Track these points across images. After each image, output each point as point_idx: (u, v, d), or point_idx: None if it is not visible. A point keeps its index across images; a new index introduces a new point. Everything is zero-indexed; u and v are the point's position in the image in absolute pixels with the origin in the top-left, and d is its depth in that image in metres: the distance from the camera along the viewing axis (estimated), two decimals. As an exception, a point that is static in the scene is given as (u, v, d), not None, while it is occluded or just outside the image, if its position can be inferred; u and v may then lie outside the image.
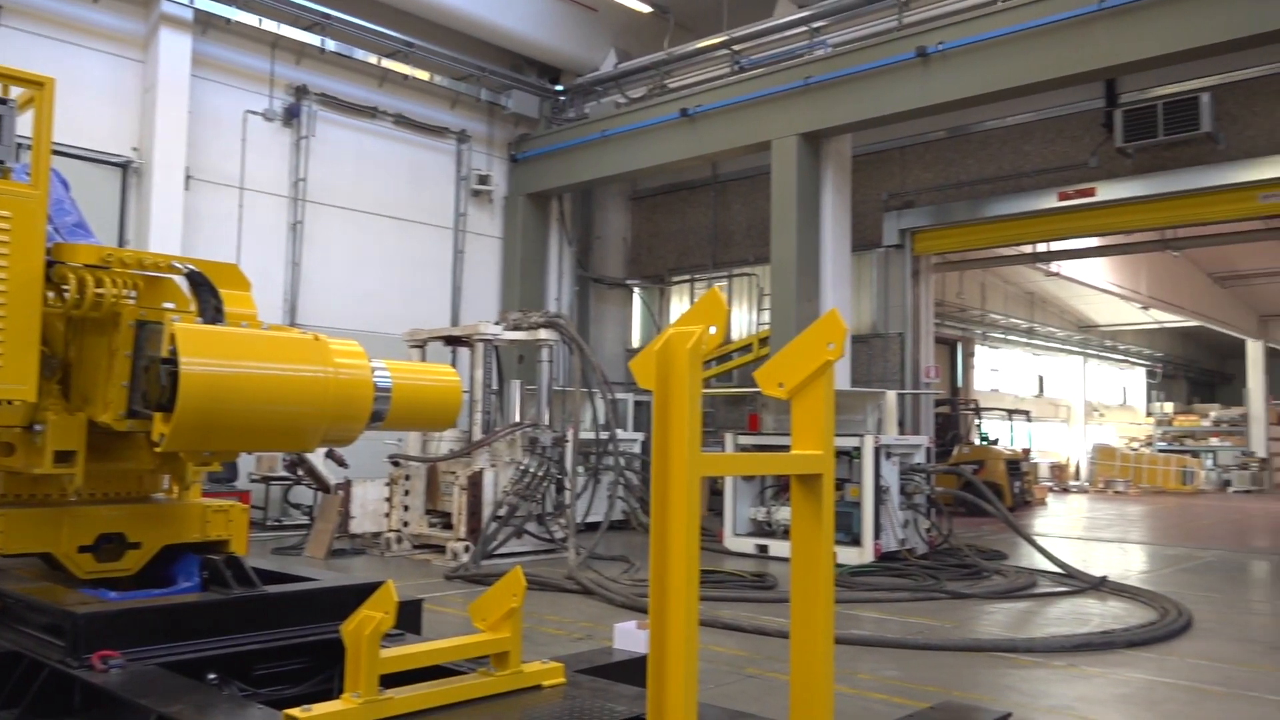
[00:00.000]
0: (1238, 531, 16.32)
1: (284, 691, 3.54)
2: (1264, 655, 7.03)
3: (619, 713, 2.86)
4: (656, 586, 2.18)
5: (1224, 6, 10.58)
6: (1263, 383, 31.50)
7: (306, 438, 3.58)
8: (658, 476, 2.17)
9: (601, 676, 3.43)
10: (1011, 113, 15.89)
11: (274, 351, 3.38)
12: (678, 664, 2.13)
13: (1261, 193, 13.74)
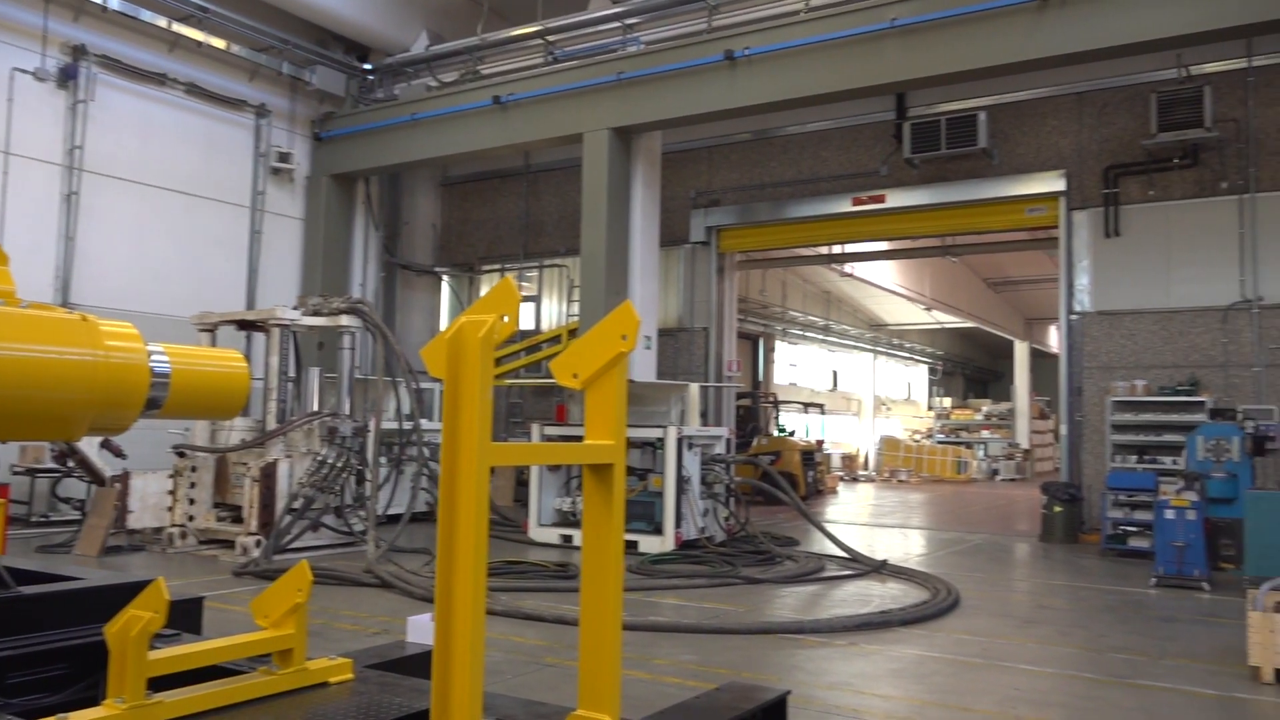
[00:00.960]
0: (1002, 516, 17.76)
1: (41, 700, 3.28)
2: (1018, 629, 7.70)
3: (405, 707, 2.81)
4: (443, 577, 2.16)
5: (999, 33, 11.46)
6: (1027, 380, 34.39)
7: (71, 426, 3.32)
8: (446, 466, 2.15)
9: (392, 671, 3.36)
10: (812, 120, 16.63)
11: (32, 332, 3.11)
12: (463, 655, 2.12)
13: (1028, 206, 14.99)
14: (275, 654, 3.00)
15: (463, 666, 2.11)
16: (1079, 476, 14.16)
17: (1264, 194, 13.16)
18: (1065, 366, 14.47)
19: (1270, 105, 13.28)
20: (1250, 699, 5.81)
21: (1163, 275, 13.78)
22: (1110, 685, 6.06)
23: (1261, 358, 13.05)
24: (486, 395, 2.17)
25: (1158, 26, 10.64)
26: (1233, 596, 9.05)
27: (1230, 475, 10.78)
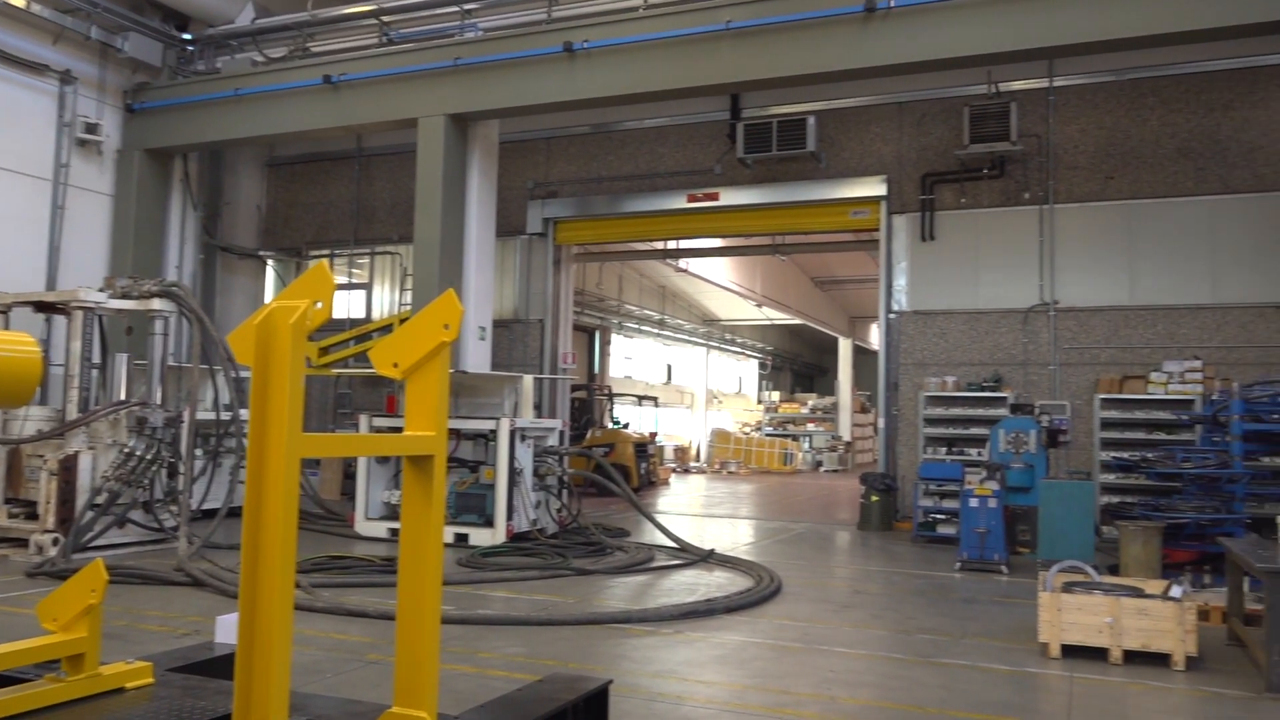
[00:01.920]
0: (824, 506, 18.52)
1: None
2: (835, 613, 8.04)
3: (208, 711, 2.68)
4: (248, 573, 2.07)
5: (827, 41, 11.90)
6: (850, 376, 35.96)
7: None
8: (253, 457, 2.06)
9: (198, 673, 3.20)
10: (649, 116, 16.83)
11: None
12: (268, 655, 2.04)
13: (852, 209, 15.66)
14: (65, 660, 2.80)
15: (267, 666, 2.03)
16: (894, 467, 14.92)
17: (1061, 205, 14.21)
18: (884, 363, 15.20)
19: (1068, 123, 14.34)
20: (1039, 673, 6.27)
21: (972, 278, 14.67)
22: (917, 664, 6.41)
23: (1057, 357, 14.09)
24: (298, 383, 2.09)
25: (970, 44, 11.28)
26: (1028, 578, 9.75)
27: (1028, 466, 11.59)
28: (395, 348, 2.54)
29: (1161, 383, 13.08)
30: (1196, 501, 10.26)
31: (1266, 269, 13.20)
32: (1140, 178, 13.93)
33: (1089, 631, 6.58)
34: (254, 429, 2.06)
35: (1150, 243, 13.79)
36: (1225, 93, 13.64)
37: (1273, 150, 13.34)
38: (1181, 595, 6.66)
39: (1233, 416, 9.94)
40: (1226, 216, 13.45)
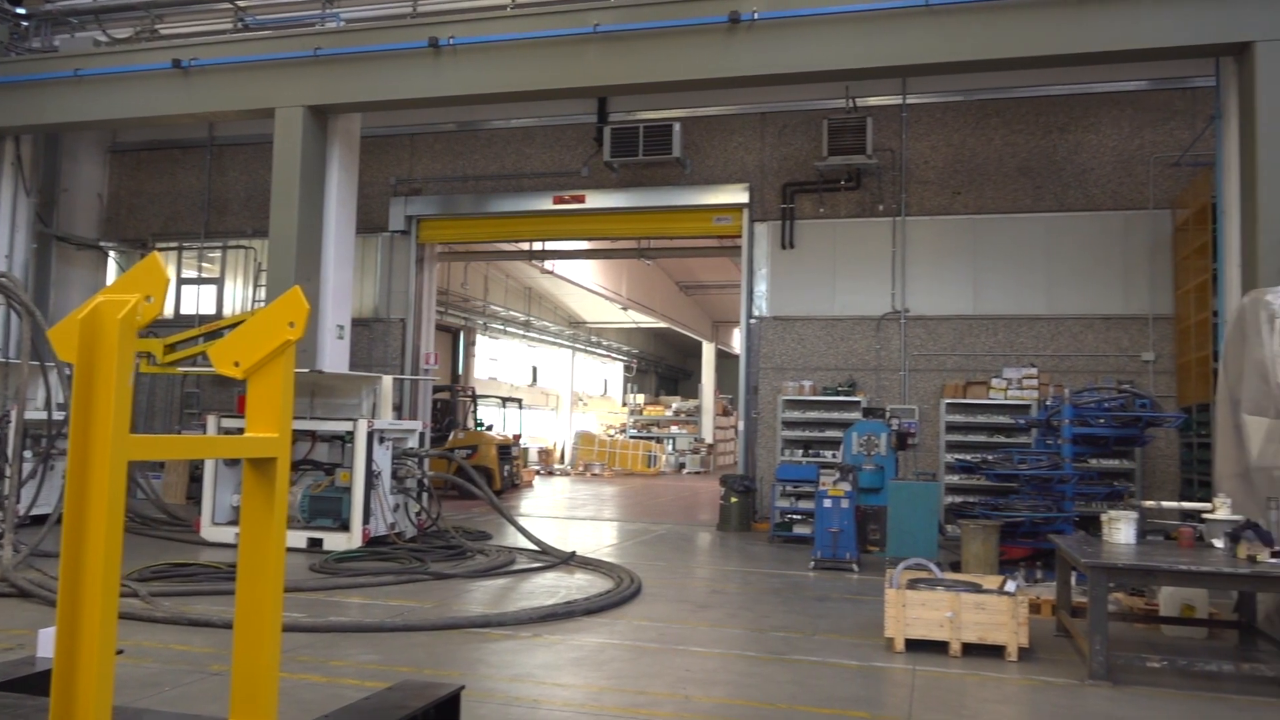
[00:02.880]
0: (686, 507, 18.77)
1: None
2: (693, 613, 8.16)
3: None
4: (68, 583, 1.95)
5: (693, 50, 12.07)
6: (713, 379, 36.59)
7: None
8: (76, 459, 1.94)
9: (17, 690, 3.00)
10: (516, 116, 16.74)
11: None
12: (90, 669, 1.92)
13: (716, 215, 15.95)
14: None
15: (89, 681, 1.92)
16: (754, 469, 15.26)
17: (912, 218, 14.83)
18: (744, 367, 15.54)
19: (919, 139, 14.98)
20: (884, 667, 6.51)
21: (829, 286, 15.15)
22: (770, 662, 6.57)
23: (907, 363, 14.69)
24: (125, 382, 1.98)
25: (829, 59, 11.66)
26: (877, 576, 10.12)
27: (878, 467, 12.04)
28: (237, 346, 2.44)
29: (1001, 388, 13.80)
30: (1031, 501, 10.86)
31: (1096, 283, 14.10)
32: (985, 194, 14.68)
33: (931, 626, 6.88)
34: (76, 430, 1.95)
35: (993, 256, 14.55)
36: (1062, 116, 14.52)
37: (1102, 172, 14.27)
38: (1015, 590, 7.04)
39: (1063, 421, 10.56)
40: (1061, 233, 14.31)
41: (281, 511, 2.42)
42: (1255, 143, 10.17)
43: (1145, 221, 14.00)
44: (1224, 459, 8.65)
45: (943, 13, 11.19)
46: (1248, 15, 10.30)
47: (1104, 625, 6.23)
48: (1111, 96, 14.33)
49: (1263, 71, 10.20)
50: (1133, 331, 13.98)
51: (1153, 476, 13.55)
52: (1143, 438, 11.01)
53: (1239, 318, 8.31)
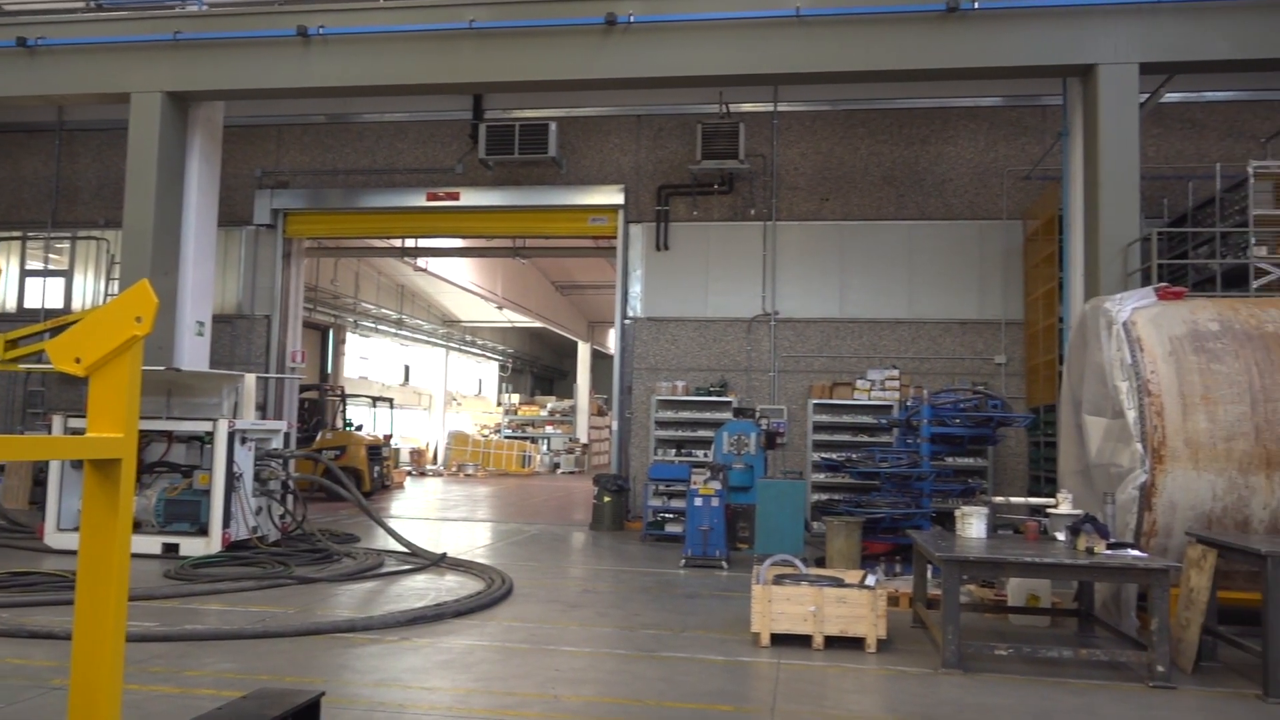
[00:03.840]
0: (560, 507, 18.75)
1: None
2: (564, 613, 8.17)
3: None
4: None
5: (569, 50, 12.07)
6: (588, 379, 36.65)
7: None
8: (-108, 464, 1.82)
9: None
10: (389, 110, 16.41)
11: None
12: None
13: (591, 215, 16.00)
14: None
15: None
16: (627, 468, 15.37)
17: (783, 222, 15.20)
18: (619, 367, 15.63)
19: (790, 146, 15.36)
20: (750, 661, 6.66)
21: (702, 288, 15.38)
22: (639, 659, 6.63)
23: (776, 364, 15.05)
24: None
25: (703, 65, 11.82)
26: (745, 573, 10.33)
27: (748, 466, 12.29)
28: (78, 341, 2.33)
29: (866, 389, 14.28)
30: (892, 498, 11.27)
31: (953, 289, 14.74)
32: (851, 201, 15.17)
33: (796, 620, 7.07)
34: (-106, 431, 1.83)
35: (858, 261, 15.04)
36: (923, 129, 15.12)
37: (959, 183, 14.93)
38: (875, 584, 7.30)
39: (922, 421, 11.01)
40: (922, 240, 14.91)
41: (126, 516, 2.32)
42: (1098, 159, 10.82)
43: (999, 231, 14.72)
44: (1066, 457, 9.18)
45: (813, 24, 11.51)
46: (1093, 40, 10.95)
47: (956, 616, 6.53)
48: (970, 111, 15.02)
49: (1105, 92, 10.86)
50: (987, 335, 14.68)
51: (1004, 474, 14.26)
52: (994, 437, 11.56)
53: (1081, 324, 8.83)
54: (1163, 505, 7.44)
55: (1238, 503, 7.38)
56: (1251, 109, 14.36)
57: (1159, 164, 14.18)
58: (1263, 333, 7.78)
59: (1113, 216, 10.69)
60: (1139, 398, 7.58)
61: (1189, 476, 7.41)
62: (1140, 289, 8.52)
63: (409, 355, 34.78)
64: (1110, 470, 7.89)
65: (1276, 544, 6.39)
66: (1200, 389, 7.55)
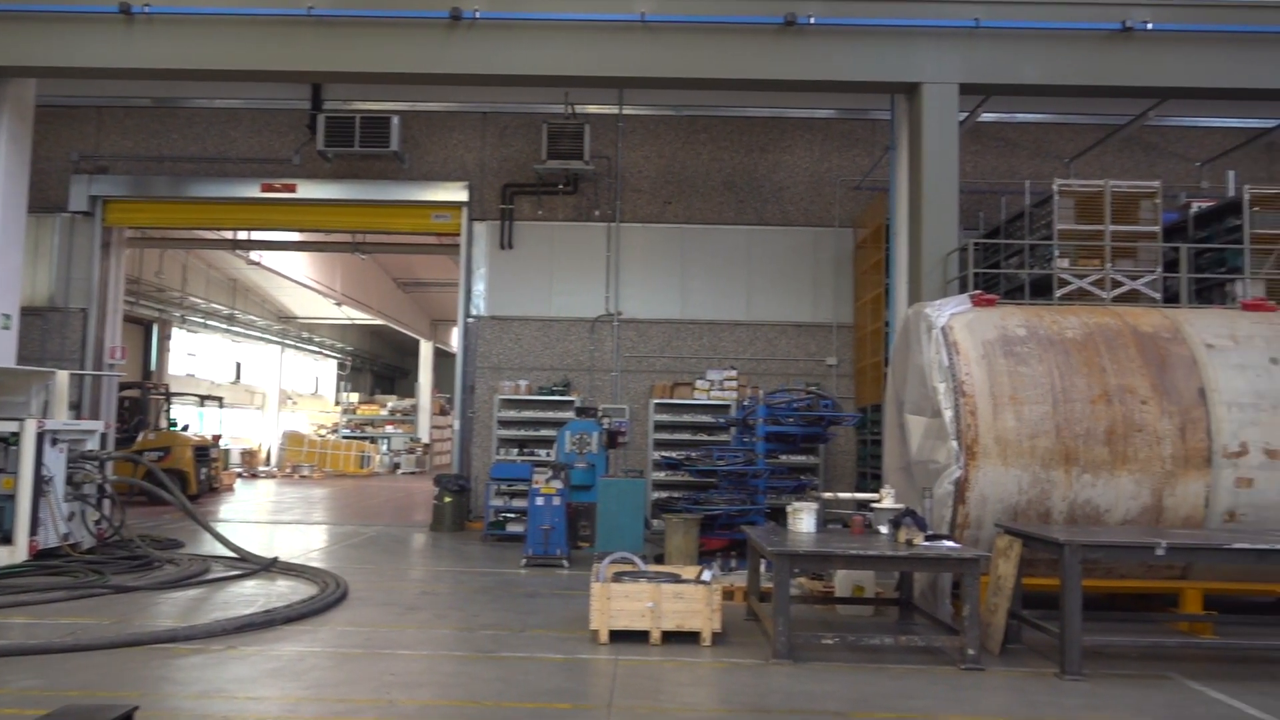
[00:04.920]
0: (400, 508, 18.38)
1: None
2: (401, 616, 8.04)
3: None
4: None
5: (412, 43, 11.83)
6: (430, 378, 36.03)
7: None
8: None
9: None
10: (221, 95, 15.70)
11: None
12: None
13: (434, 212, 15.77)
14: None
15: None
16: (469, 468, 15.22)
17: (626, 224, 15.40)
18: (461, 365, 15.47)
19: (634, 149, 15.57)
20: (589, 658, 6.73)
21: (546, 287, 15.40)
22: (477, 660, 6.60)
23: (619, 364, 15.23)
24: None
25: (548, 65, 11.81)
26: (586, 571, 10.41)
27: (590, 465, 12.39)
28: None
29: (705, 389, 14.63)
30: (729, 495, 11.60)
31: (789, 293, 15.29)
32: (693, 205, 15.51)
33: (634, 617, 7.20)
34: None
35: (700, 264, 15.40)
36: (762, 137, 15.61)
37: (795, 190, 15.49)
38: (711, 579, 7.50)
39: (758, 420, 11.37)
40: (760, 245, 15.39)
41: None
42: (921, 172, 11.44)
43: (831, 238, 15.36)
44: (890, 454, 9.68)
45: (658, 30, 11.69)
46: (918, 60, 11.57)
47: (786, 608, 6.79)
48: (805, 122, 15.60)
49: (929, 110, 11.49)
50: (819, 338, 15.28)
51: (834, 470, 14.89)
52: (826, 435, 12.07)
53: (904, 327, 9.33)
54: (975, 499, 7.95)
55: (1040, 496, 7.96)
56: (1058, 131, 15.49)
57: (976, 179, 15.11)
58: (1063, 338, 8.43)
59: (934, 227, 11.33)
60: (955, 398, 8.07)
61: (998, 472, 7.95)
62: (957, 296, 9.07)
63: (241, 352, 33.32)
64: (929, 466, 8.37)
65: (1073, 534, 6.95)
66: (1009, 390, 8.11)
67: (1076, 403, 8.05)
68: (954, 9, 11.52)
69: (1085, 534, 7.01)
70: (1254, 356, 8.28)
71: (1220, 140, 15.33)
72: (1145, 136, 15.33)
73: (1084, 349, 8.33)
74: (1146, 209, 11.40)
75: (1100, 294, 11.02)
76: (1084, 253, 11.43)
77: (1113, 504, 7.96)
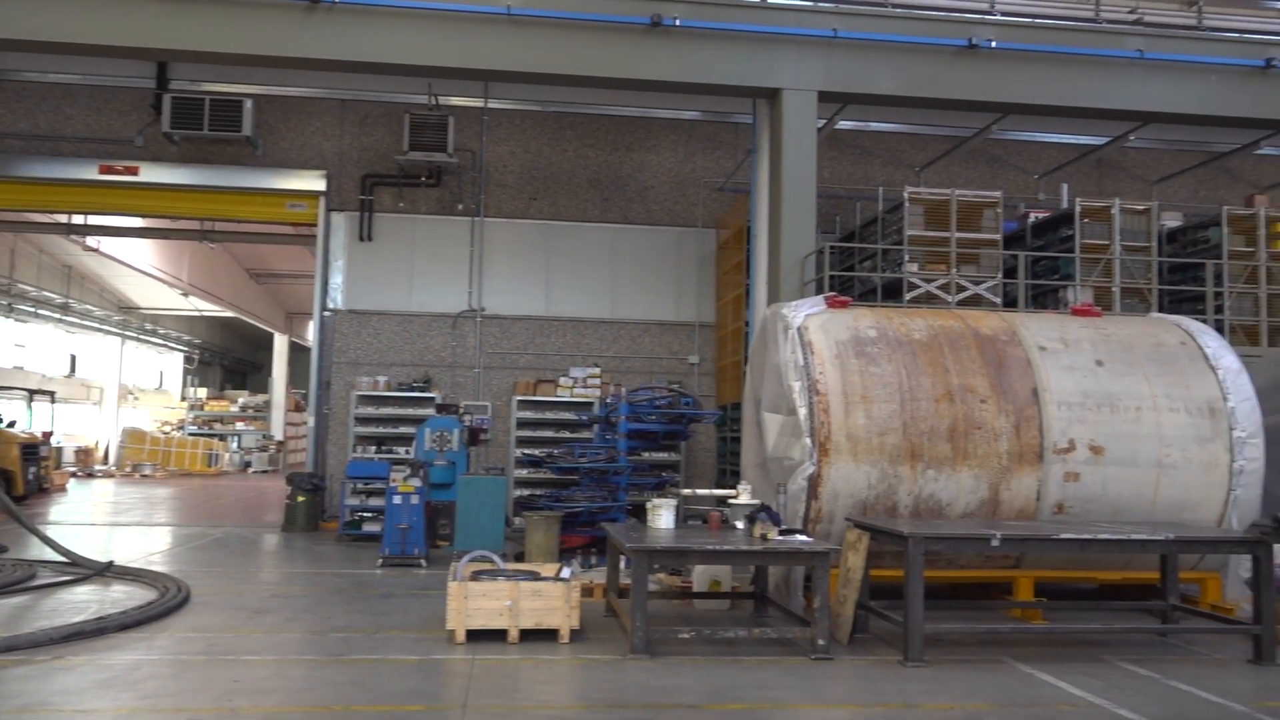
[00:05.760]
0: (251, 509, 17.67)
1: None
2: (247, 621, 7.72)
3: None
4: None
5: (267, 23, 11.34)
6: (285, 373, 34.78)
7: None
8: None
9: None
10: (55, 70, 14.73)
11: None
12: None
13: (289, 201, 15.21)
14: None
15: None
16: (324, 467, 14.77)
17: (490, 219, 15.23)
18: (316, 361, 14.99)
19: (499, 143, 15.41)
20: (445, 659, 6.62)
21: (407, 281, 15.08)
22: (328, 664, 6.40)
23: (481, 360, 15.05)
24: None
25: (410, 53, 11.50)
26: (444, 571, 10.23)
27: (450, 463, 12.20)
28: None
29: (569, 386, 14.62)
30: (590, 492, 11.62)
31: (653, 291, 15.44)
32: (558, 202, 15.46)
33: (491, 615, 7.12)
34: None
35: (564, 261, 15.37)
36: (628, 136, 15.69)
37: (660, 190, 15.64)
38: (570, 576, 7.49)
39: (620, 417, 11.43)
40: (624, 243, 15.48)
41: None
42: (781, 176, 11.71)
43: (695, 238, 15.58)
44: (748, 451, 9.89)
45: (524, 23, 11.58)
46: (780, 66, 11.83)
47: (644, 603, 6.84)
48: (671, 123, 15.77)
49: (788, 115, 11.77)
50: (682, 336, 15.48)
51: (695, 467, 15.11)
52: (687, 433, 12.23)
53: (762, 327, 9.54)
54: (827, 494, 8.20)
55: (888, 490, 8.28)
56: (910, 141, 16.14)
57: (834, 185, 15.59)
58: (910, 340, 8.78)
59: (793, 230, 11.62)
60: (809, 396, 8.30)
61: (849, 468, 8.22)
62: (813, 297, 9.34)
63: (76, 344, 31.35)
64: (784, 463, 8.59)
65: (917, 526, 7.24)
66: (860, 389, 8.40)
67: (922, 401, 8.40)
68: (814, 19, 11.84)
69: (928, 527, 7.32)
70: (1082, 359, 8.82)
71: (1056, 155, 16.27)
72: (989, 149, 16.14)
73: (929, 350, 8.70)
74: (989, 218, 12.01)
75: (946, 297, 11.54)
76: (932, 258, 11.94)
77: (954, 498, 8.34)
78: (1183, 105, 12.27)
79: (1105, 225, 12.15)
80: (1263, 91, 12.33)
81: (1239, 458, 8.59)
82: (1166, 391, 8.72)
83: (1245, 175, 16.74)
